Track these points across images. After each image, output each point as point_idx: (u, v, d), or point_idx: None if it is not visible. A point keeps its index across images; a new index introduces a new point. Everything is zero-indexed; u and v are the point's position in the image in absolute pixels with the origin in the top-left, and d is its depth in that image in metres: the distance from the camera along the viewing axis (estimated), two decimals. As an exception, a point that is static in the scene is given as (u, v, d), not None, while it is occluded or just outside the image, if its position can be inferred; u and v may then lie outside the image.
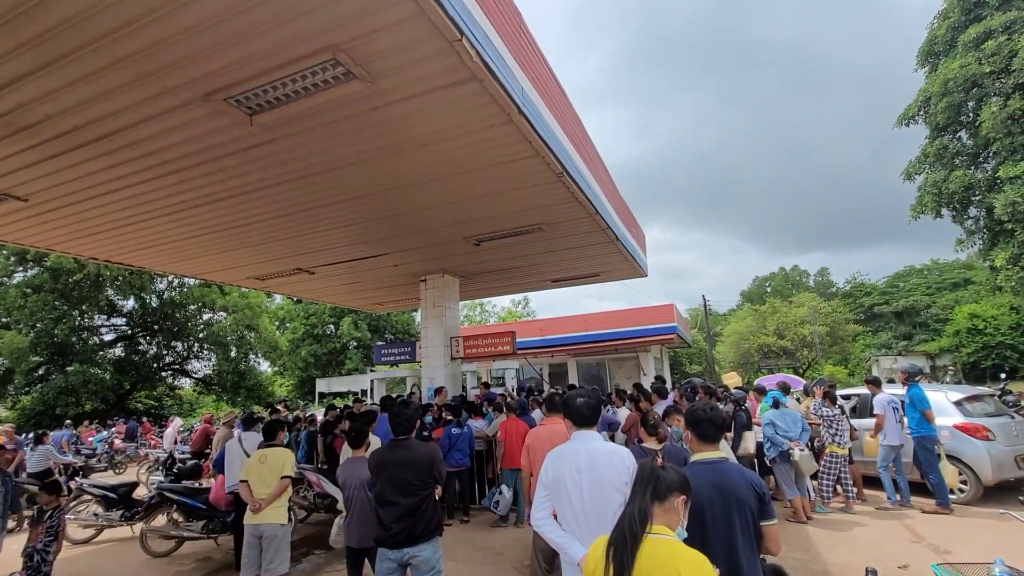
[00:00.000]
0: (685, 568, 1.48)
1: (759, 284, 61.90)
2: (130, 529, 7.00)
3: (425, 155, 5.18)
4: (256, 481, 4.34)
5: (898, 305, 42.19)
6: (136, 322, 26.55)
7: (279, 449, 4.61)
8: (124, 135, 4.53)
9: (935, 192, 17.07)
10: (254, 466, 4.43)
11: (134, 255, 8.07)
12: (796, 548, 5.24)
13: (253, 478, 4.36)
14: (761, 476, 6.91)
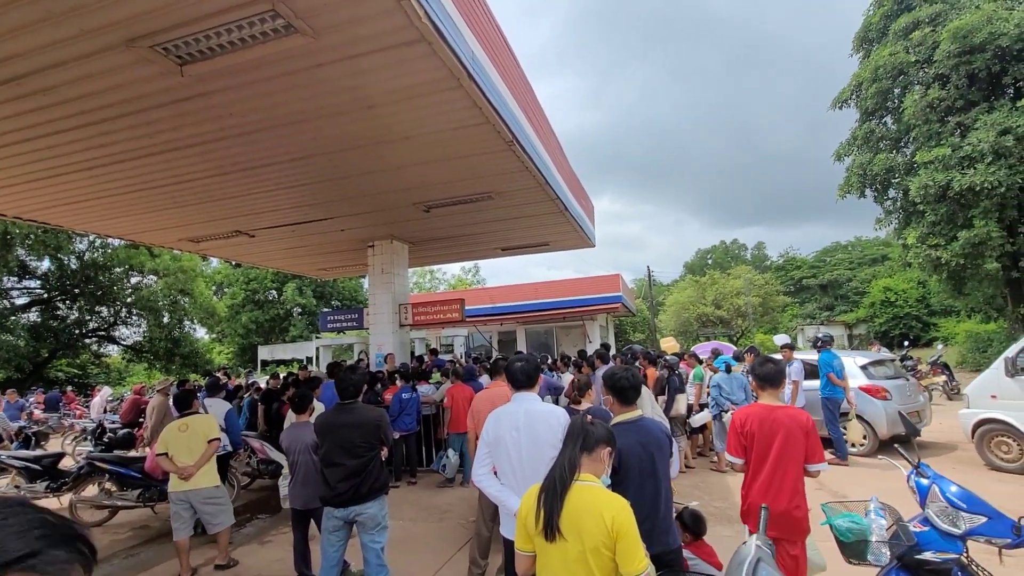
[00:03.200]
0: (606, 509, 1.66)
1: (701, 256, 64.61)
2: (57, 501, 6.70)
3: (372, 117, 5.04)
4: (180, 451, 4.38)
5: (823, 278, 45.43)
6: (53, 285, 24.53)
7: (200, 416, 4.69)
8: (35, 80, 4.12)
9: (861, 173, 18.29)
10: (174, 436, 4.42)
11: (49, 212, 7.43)
12: (718, 497, 5.76)
13: (175, 448, 4.38)
14: (690, 436, 7.53)
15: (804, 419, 2.77)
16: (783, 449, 2.71)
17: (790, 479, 2.69)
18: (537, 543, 1.75)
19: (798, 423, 2.74)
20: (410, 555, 4.51)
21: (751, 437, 2.83)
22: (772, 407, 2.86)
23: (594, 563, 1.64)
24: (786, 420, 2.75)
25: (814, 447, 2.72)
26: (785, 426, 2.73)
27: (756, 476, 2.81)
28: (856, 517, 2.40)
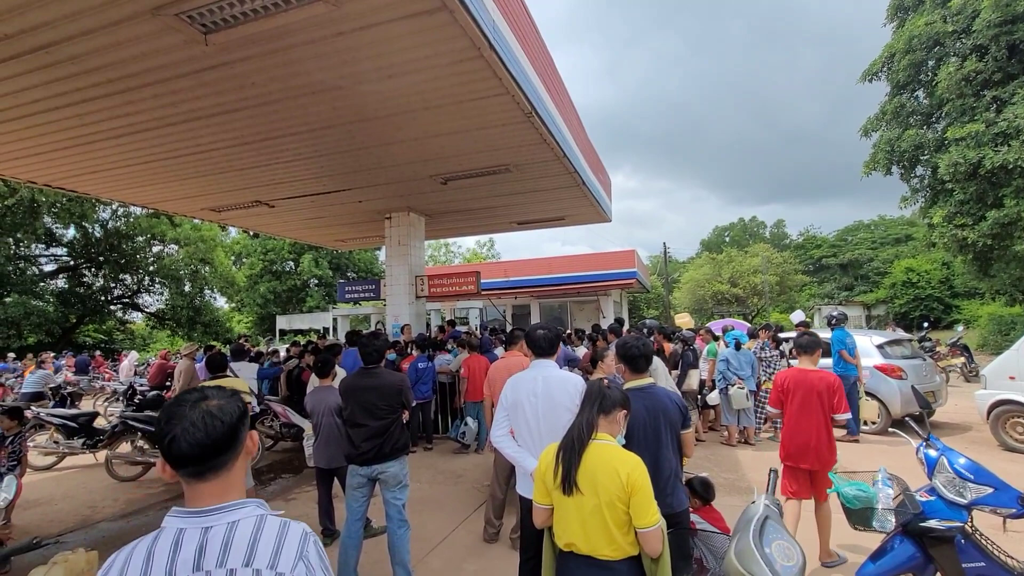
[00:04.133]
0: (621, 466, 1.75)
1: (719, 233, 63.69)
2: (93, 457, 7.08)
3: (392, 87, 5.04)
4: None
5: (844, 258, 44.57)
6: (79, 253, 25.16)
7: (231, 378, 4.84)
8: (63, 48, 4.19)
9: (888, 150, 17.73)
10: None
11: (76, 180, 7.61)
12: (726, 469, 5.87)
13: None
14: (701, 411, 7.63)
15: (832, 379, 3.52)
16: (813, 402, 3.47)
17: (817, 424, 3.45)
18: (555, 497, 1.86)
19: (826, 382, 3.49)
20: (427, 515, 4.72)
21: (788, 393, 3.61)
22: (807, 370, 3.61)
23: (609, 516, 1.74)
24: (816, 380, 3.52)
25: (839, 401, 3.46)
26: (815, 384, 3.50)
27: (788, 422, 3.61)
28: (863, 486, 2.46)
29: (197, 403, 1.10)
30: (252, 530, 1.06)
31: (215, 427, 1.07)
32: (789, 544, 1.87)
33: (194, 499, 1.07)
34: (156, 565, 1.01)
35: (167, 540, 1.04)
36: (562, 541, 1.84)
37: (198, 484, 1.07)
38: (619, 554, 1.75)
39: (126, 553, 1.05)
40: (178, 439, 1.04)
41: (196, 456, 1.05)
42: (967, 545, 2.29)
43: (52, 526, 4.95)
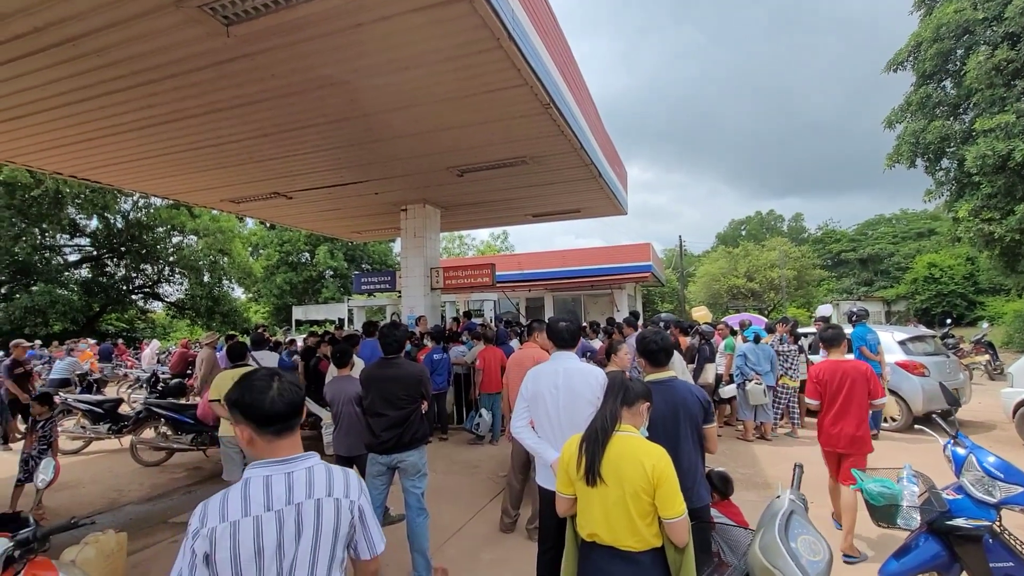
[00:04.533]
0: (646, 457, 1.75)
1: (735, 227, 62.86)
2: (118, 442, 7.27)
3: (409, 79, 5.04)
4: None
5: (863, 252, 43.71)
6: (101, 243, 25.71)
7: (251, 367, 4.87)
8: (89, 40, 4.26)
9: (913, 141, 17.29)
10: (227, 384, 4.63)
11: (100, 171, 7.75)
12: (743, 464, 5.84)
13: None
14: (717, 406, 7.58)
15: (864, 367, 3.77)
16: (849, 390, 3.69)
17: (854, 411, 3.67)
18: (578, 488, 1.86)
19: (859, 371, 3.73)
20: (443, 505, 4.76)
21: (824, 384, 3.81)
22: (839, 361, 3.85)
23: (633, 507, 1.74)
24: (850, 369, 3.75)
25: (875, 387, 3.72)
26: (850, 373, 3.73)
27: (828, 411, 3.80)
28: (887, 482, 2.43)
29: (273, 378, 1.37)
30: (325, 471, 1.38)
31: (296, 395, 1.37)
32: (816, 539, 1.86)
33: (274, 452, 1.34)
34: (254, 502, 1.27)
35: (258, 484, 1.30)
36: (585, 531, 1.85)
37: (278, 440, 1.34)
38: (642, 545, 1.75)
39: (218, 499, 1.29)
40: (276, 401, 1.31)
41: (284, 415, 1.33)
42: (995, 544, 2.25)
43: (81, 508, 5.09)
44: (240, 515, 1.26)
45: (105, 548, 2.99)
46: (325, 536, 1.33)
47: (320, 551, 1.32)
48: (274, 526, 1.28)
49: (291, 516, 1.30)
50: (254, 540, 1.25)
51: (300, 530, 1.30)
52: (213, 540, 1.24)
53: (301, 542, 1.30)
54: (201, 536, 1.25)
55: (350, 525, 1.39)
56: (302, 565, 1.30)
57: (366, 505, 1.44)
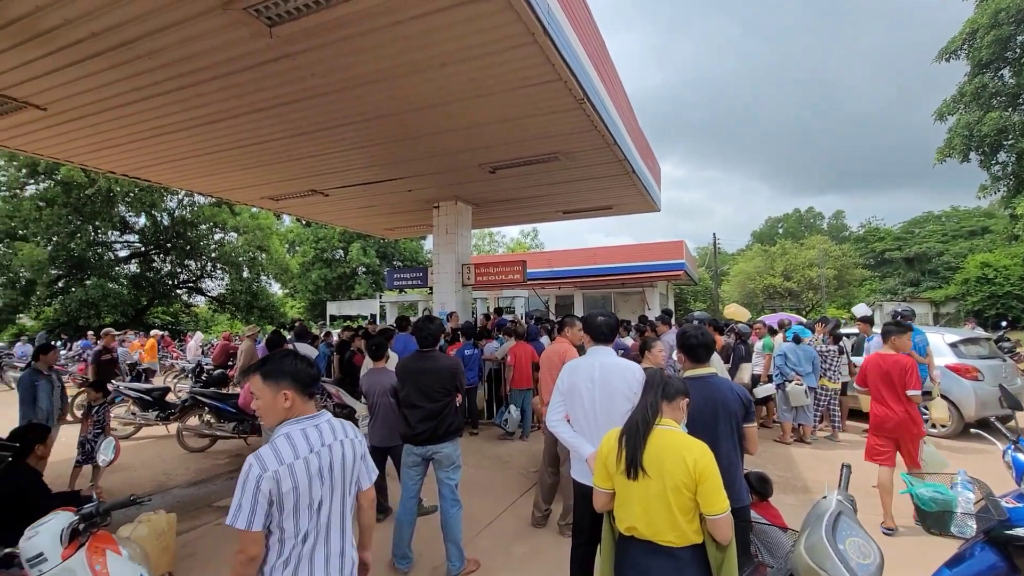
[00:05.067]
0: (688, 453, 1.73)
1: (772, 225, 61.09)
2: (165, 428, 7.61)
3: (445, 76, 5.08)
4: None
5: (910, 251, 41.78)
6: (149, 239, 26.92)
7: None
8: (142, 44, 4.46)
9: (966, 134, 16.44)
10: None
11: (150, 170, 8.11)
12: (782, 467, 5.68)
13: None
14: (755, 405, 7.39)
15: (905, 361, 4.11)
16: (890, 381, 4.09)
17: (898, 401, 4.05)
18: (617, 482, 1.85)
19: (900, 364, 4.10)
20: (475, 498, 4.80)
21: (868, 376, 4.29)
22: (885, 355, 4.22)
23: (673, 500, 1.72)
24: (891, 363, 4.14)
25: (910, 379, 4.03)
26: (890, 367, 4.13)
27: (874, 401, 4.24)
28: (941, 487, 2.32)
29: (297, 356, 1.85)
30: (337, 423, 1.87)
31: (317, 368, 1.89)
32: (865, 541, 1.79)
33: (306, 410, 1.78)
34: (300, 447, 1.70)
35: (299, 435, 1.73)
36: (623, 525, 1.83)
37: (309, 401, 1.80)
38: (682, 541, 1.73)
39: (270, 450, 1.67)
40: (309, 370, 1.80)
41: (315, 379, 1.83)
42: (1060, 556, 2.12)
43: (133, 490, 5.35)
44: (292, 458, 1.67)
45: (157, 527, 3.15)
46: (347, 465, 1.82)
47: (346, 475, 1.82)
48: (316, 462, 1.71)
49: (325, 454, 1.75)
50: (306, 472, 1.68)
51: (332, 462, 1.77)
52: (278, 478, 1.62)
53: (334, 470, 1.77)
54: (266, 478, 1.61)
55: (357, 457, 1.87)
56: (337, 486, 1.78)
57: (364, 443, 1.95)
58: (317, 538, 1.71)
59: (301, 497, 1.66)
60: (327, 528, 1.74)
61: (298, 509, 1.66)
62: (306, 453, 1.69)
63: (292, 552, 1.67)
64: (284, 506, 1.63)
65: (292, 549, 1.67)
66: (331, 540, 1.75)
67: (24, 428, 3.44)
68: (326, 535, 1.74)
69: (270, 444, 1.68)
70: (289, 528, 1.66)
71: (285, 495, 1.63)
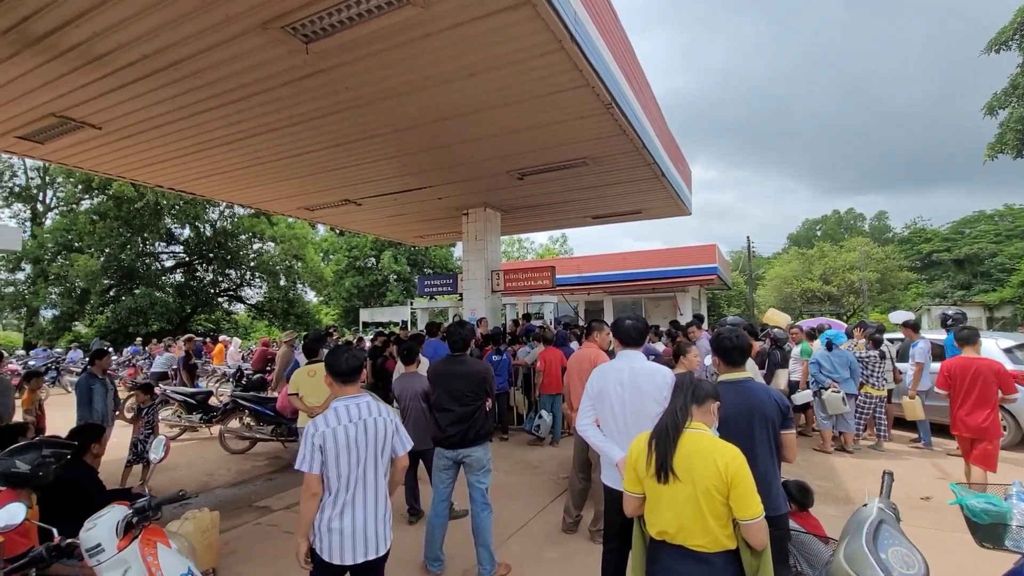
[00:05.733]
0: (719, 456, 1.70)
1: (809, 227, 59.13)
2: (208, 431, 7.92)
3: (474, 85, 5.17)
4: (309, 393, 4.85)
5: (960, 253, 39.67)
6: (192, 250, 28.13)
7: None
8: (188, 64, 4.70)
9: (1019, 129, 15.60)
10: (304, 380, 4.93)
11: (196, 183, 8.51)
12: (822, 477, 5.48)
13: (305, 391, 4.87)
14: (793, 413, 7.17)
15: (997, 366, 4.36)
16: (978, 385, 4.26)
17: (979, 406, 4.24)
18: (648, 486, 1.84)
19: (991, 368, 4.30)
20: (505, 503, 4.82)
21: (953, 378, 4.42)
22: (971, 358, 4.42)
23: (705, 505, 1.69)
24: (982, 366, 4.34)
25: (1005, 384, 4.29)
26: (981, 370, 4.29)
27: (956, 403, 4.41)
28: (994, 499, 2.21)
29: (346, 350, 2.46)
30: (374, 403, 2.40)
31: (357, 360, 2.44)
32: (909, 551, 1.72)
33: (344, 392, 2.40)
34: (342, 418, 2.28)
35: (342, 409, 2.32)
36: (654, 530, 1.82)
37: (347, 386, 2.40)
38: (715, 546, 1.70)
39: (322, 418, 2.29)
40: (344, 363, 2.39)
41: (348, 371, 2.39)
42: None
43: (179, 488, 5.59)
44: (336, 424, 2.26)
45: (201, 524, 3.28)
46: (380, 434, 2.34)
47: (379, 442, 2.34)
48: (353, 431, 2.28)
49: (360, 426, 2.29)
50: (345, 437, 2.25)
51: (366, 433, 2.30)
52: (324, 437, 2.23)
53: (367, 439, 2.30)
54: (318, 434, 2.22)
55: (390, 431, 2.40)
56: (371, 452, 2.32)
57: (397, 420, 2.47)
58: (357, 486, 2.27)
59: (340, 453, 2.22)
60: (363, 480, 2.29)
61: (339, 461, 2.22)
62: (346, 422, 2.27)
63: (338, 494, 2.24)
64: (328, 458, 2.21)
65: (338, 492, 2.24)
66: (367, 489, 2.30)
67: (81, 428, 3.65)
68: (363, 485, 2.29)
69: (324, 414, 2.31)
70: (333, 476, 2.23)
71: (328, 450, 2.21)
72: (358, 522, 2.23)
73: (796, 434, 7.18)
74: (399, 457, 2.44)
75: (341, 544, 2.20)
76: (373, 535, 2.27)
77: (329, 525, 2.21)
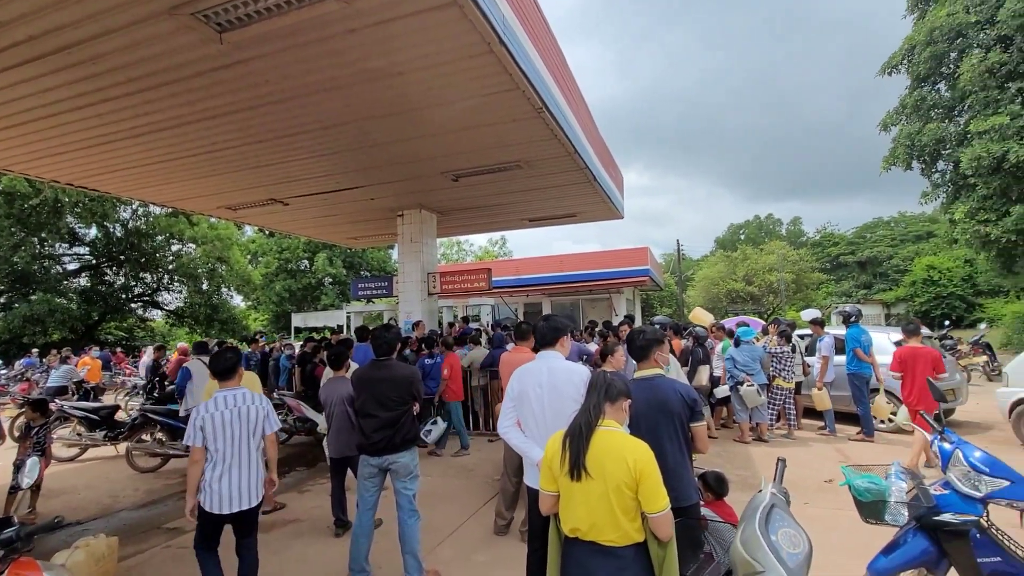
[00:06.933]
0: (629, 452, 1.76)
1: (733, 231, 62.93)
2: (114, 448, 7.25)
3: (403, 84, 5.08)
4: None
5: (862, 255, 43.75)
6: (100, 252, 25.74)
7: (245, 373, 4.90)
8: (85, 48, 4.30)
9: (908, 144, 17.36)
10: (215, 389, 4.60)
11: (101, 179, 7.79)
12: (739, 466, 5.83)
13: None
14: (714, 408, 7.59)
15: (933, 352, 5.51)
16: (918, 367, 5.38)
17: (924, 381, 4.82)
18: (561, 484, 1.87)
19: (930, 355, 5.46)
20: (437, 508, 4.75)
21: (904, 362, 5.54)
22: (916, 347, 5.57)
23: (615, 501, 1.74)
24: (923, 352, 5.48)
25: (938, 366, 5.40)
26: (923, 356, 5.44)
27: (907, 380, 5.53)
28: (875, 478, 2.43)
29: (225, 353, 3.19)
30: (249, 392, 3.07)
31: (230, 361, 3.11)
32: (796, 532, 1.86)
33: (225, 386, 3.05)
34: (220, 405, 2.94)
35: (221, 399, 2.97)
36: (568, 527, 1.85)
37: (225, 381, 3.05)
38: (624, 540, 1.76)
39: (204, 404, 2.95)
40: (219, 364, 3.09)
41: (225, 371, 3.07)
42: (982, 539, 2.25)
43: (75, 514, 5.08)
44: (214, 410, 2.92)
45: (96, 552, 2.99)
46: (251, 419, 2.99)
47: (251, 423, 3.00)
48: (229, 415, 2.93)
49: (235, 412, 2.95)
50: (221, 420, 2.91)
51: (240, 417, 2.95)
52: (204, 420, 2.89)
53: (241, 421, 2.95)
54: (199, 418, 2.89)
55: (261, 415, 3.05)
56: (245, 432, 2.96)
57: (268, 407, 3.13)
58: (233, 458, 2.91)
59: (218, 432, 2.89)
60: (239, 454, 2.93)
61: (216, 438, 2.88)
62: (223, 408, 2.92)
63: (218, 463, 2.89)
64: (208, 436, 2.88)
65: (217, 462, 2.89)
66: (241, 460, 2.94)
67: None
68: (238, 457, 2.93)
69: (210, 400, 2.96)
70: (213, 449, 2.89)
71: (208, 430, 2.88)
72: (233, 484, 2.89)
73: (719, 426, 7.57)
74: (268, 435, 3.09)
75: (220, 500, 2.86)
76: (246, 493, 2.93)
77: (211, 486, 2.86)
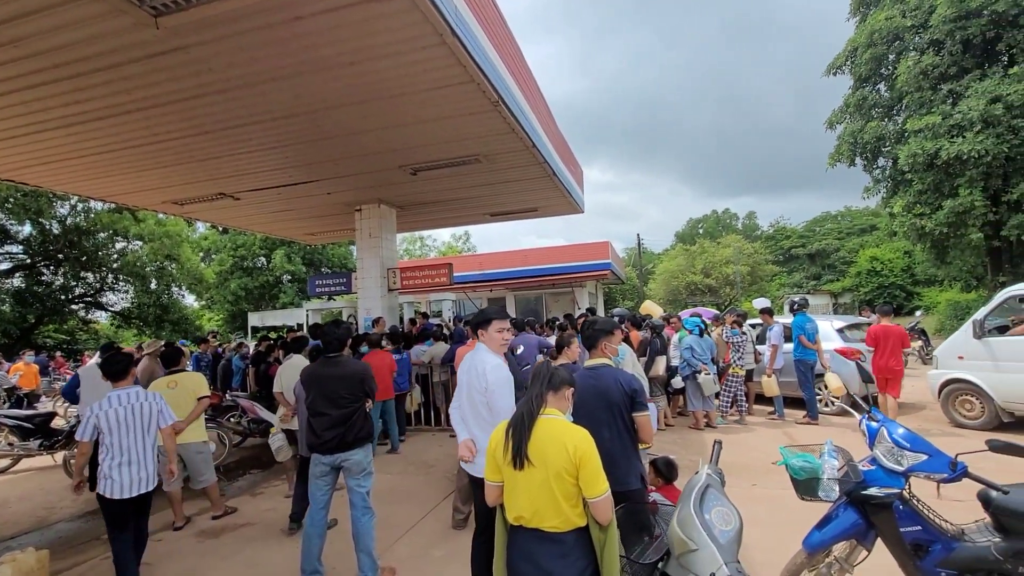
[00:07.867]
0: (569, 439, 1.79)
1: (692, 226, 64.74)
2: (51, 458, 6.85)
3: (354, 74, 4.96)
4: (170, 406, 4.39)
5: (812, 248, 45.81)
6: (36, 250, 24.14)
7: (189, 373, 4.79)
8: (3, 31, 4.01)
9: (852, 142, 18.27)
10: (163, 392, 4.42)
11: (31, 172, 7.29)
12: (693, 451, 6.02)
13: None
14: (671, 396, 7.80)
15: (901, 330, 6.57)
16: (890, 342, 6.43)
17: (892, 355, 6.43)
18: (505, 473, 1.88)
19: (898, 332, 6.51)
20: (397, 505, 4.71)
21: (876, 338, 6.54)
22: (887, 325, 6.59)
23: (557, 488, 1.77)
24: (893, 330, 6.52)
25: (905, 341, 6.50)
26: (893, 333, 6.48)
27: (878, 354, 6.50)
28: (809, 457, 2.56)
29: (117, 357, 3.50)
30: (143, 391, 3.43)
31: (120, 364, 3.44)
32: (728, 510, 1.94)
33: (119, 386, 3.36)
34: (115, 403, 3.24)
35: (115, 397, 3.28)
36: (512, 515, 1.87)
37: (119, 381, 3.37)
38: (566, 525, 1.79)
39: (100, 403, 3.22)
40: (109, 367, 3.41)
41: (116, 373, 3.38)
42: (905, 511, 2.40)
43: (7, 528, 4.78)
44: (108, 408, 3.18)
45: (23, 567, 2.82)
46: (145, 415, 3.29)
47: (145, 419, 3.29)
48: (123, 412, 3.21)
49: (129, 409, 3.23)
50: (115, 417, 3.18)
51: (133, 413, 3.24)
52: (99, 417, 3.16)
53: (135, 417, 3.24)
54: (94, 415, 3.14)
55: (155, 411, 3.35)
56: (139, 426, 3.25)
57: (162, 403, 3.44)
58: (129, 451, 3.18)
59: (112, 427, 3.15)
60: (134, 446, 3.20)
61: (111, 433, 3.15)
62: (118, 406, 3.20)
63: (114, 455, 3.14)
64: (103, 430, 3.14)
65: (116, 454, 3.15)
66: (137, 452, 3.20)
67: None
68: (133, 450, 3.20)
69: (106, 398, 3.22)
70: (108, 443, 3.14)
71: (103, 426, 3.14)
72: (131, 474, 3.16)
73: (676, 415, 7.77)
74: (163, 428, 3.38)
75: (120, 487, 3.12)
76: (141, 481, 3.19)
77: (111, 475, 3.12)
